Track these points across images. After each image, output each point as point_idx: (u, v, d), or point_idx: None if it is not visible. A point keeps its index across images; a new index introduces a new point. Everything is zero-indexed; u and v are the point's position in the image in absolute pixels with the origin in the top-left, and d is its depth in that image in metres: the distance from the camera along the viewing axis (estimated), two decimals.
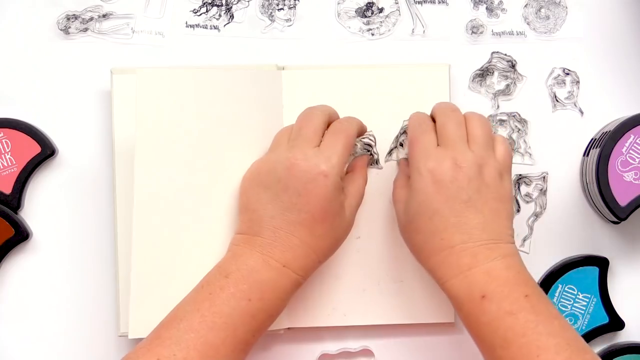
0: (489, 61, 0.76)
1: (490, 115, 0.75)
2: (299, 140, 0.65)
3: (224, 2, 0.75)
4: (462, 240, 0.61)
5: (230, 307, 0.61)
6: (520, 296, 0.60)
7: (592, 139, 0.74)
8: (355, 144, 0.69)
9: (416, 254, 0.65)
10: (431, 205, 0.62)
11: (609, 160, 0.69)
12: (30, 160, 0.73)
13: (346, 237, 0.67)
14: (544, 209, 0.75)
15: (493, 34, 0.76)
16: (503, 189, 0.63)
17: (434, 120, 0.66)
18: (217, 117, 0.69)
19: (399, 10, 0.76)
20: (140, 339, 0.63)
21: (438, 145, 0.64)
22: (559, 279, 0.73)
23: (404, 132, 0.71)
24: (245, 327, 0.61)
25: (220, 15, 0.75)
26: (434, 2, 0.76)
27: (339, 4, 0.75)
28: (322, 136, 0.65)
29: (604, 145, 0.69)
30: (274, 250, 0.63)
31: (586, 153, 0.74)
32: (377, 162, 0.71)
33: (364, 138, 0.70)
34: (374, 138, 0.71)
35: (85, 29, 0.75)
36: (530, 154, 0.75)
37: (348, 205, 0.66)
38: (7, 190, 0.73)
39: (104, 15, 0.75)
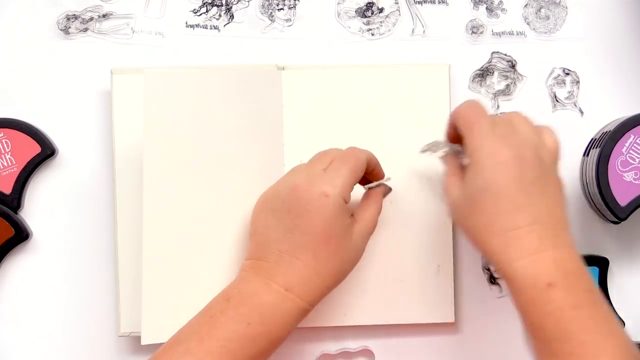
0: (489, 61, 0.76)
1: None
2: (307, 166, 0.65)
3: (224, 2, 0.75)
4: (529, 222, 0.58)
5: (230, 330, 0.60)
6: (584, 290, 0.57)
7: (592, 139, 0.74)
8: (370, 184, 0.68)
9: (476, 237, 0.61)
10: (498, 184, 0.59)
11: (608, 160, 0.69)
12: (30, 160, 0.73)
13: (355, 264, 0.65)
14: None
15: (493, 34, 0.76)
16: (557, 177, 0.62)
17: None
18: (220, 117, 0.69)
19: (399, 10, 0.76)
20: (152, 345, 0.63)
21: None
22: None
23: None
24: (244, 352, 0.60)
25: (220, 15, 0.75)
26: (434, 2, 0.76)
27: (339, 4, 0.75)
28: None
29: (604, 145, 0.69)
30: (276, 274, 0.62)
31: (586, 153, 0.74)
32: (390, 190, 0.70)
33: (381, 182, 0.69)
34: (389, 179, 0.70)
35: (85, 29, 0.75)
36: None
37: (357, 231, 0.64)
38: (7, 190, 0.73)
39: (104, 15, 0.75)
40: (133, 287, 0.71)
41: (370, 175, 0.68)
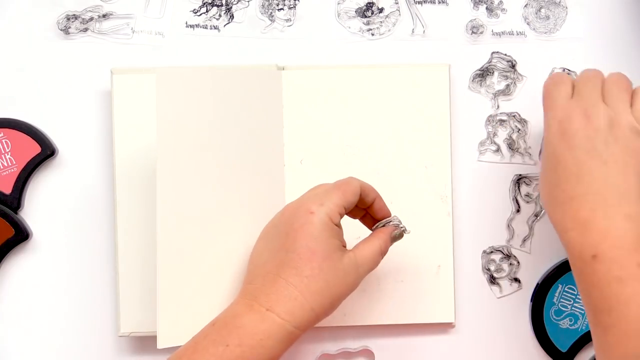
0: (489, 61, 0.76)
1: (490, 115, 0.75)
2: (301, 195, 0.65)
3: (224, 2, 0.75)
4: (582, 192, 0.59)
5: (209, 353, 0.59)
6: (632, 263, 0.56)
7: None
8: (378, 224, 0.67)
9: (545, 207, 0.62)
10: (555, 155, 0.60)
11: None
12: (30, 160, 0.73)
13: (345, 293, 0.63)
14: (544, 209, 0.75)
15: (493, 34, 0.76)
16: (636, 144, 0.60)
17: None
18: (222, 117, 0.68)
19: (399, 10, 0.76)
20: (153, 346, 0.63)
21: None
22: (559, 279, 0.73)
23: None
24: None
25: (220, 15, 0.75)
26: (434, 2, 0.76)
27: (339, 4, 0.75)
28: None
29: None
30: (260, 295, 0.60)
31: None
32: (403, 233, 0.68)
33: (390, 221, 0.67)
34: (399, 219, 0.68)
35: (85, 29, 0.75)
36: (530, 154, 0.75)
37: (349, 259, 0.62)
38: (7, 190, 0.73)
39: (104, 15, 0.75)
40: (133, 287, 0.71)
41: (370, 209, 0.66)
